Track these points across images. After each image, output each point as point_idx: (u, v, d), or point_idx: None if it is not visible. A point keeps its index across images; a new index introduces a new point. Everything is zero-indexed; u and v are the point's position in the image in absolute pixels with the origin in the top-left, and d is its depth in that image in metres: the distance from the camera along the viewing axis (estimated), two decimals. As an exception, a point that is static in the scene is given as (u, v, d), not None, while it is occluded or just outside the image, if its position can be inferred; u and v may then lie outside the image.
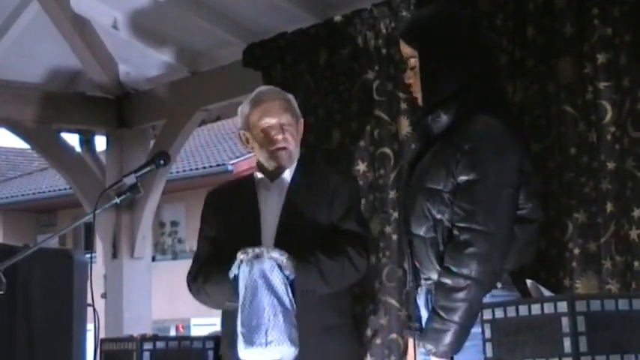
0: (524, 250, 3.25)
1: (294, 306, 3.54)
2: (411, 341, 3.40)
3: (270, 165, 3.88)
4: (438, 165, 3.22)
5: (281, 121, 3.86)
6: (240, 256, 3.58)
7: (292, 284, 3.59)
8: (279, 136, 3.84)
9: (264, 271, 3.53)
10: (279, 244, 3.71)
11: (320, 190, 3.84)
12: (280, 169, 3.88)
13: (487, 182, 3.13)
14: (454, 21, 3.37)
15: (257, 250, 3.57)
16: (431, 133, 3.33)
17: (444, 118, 3.26)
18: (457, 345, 3.09)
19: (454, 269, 3.09)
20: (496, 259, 3.09)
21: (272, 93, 4.00)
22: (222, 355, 3.94)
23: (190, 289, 3.91)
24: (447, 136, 3.24)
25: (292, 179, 3.88)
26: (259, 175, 3.92)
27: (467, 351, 3.11)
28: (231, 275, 3.61)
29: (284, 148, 3.85)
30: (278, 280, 3.55)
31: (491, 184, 3.13)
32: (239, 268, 3.58)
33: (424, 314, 3.28)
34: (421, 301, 3.31)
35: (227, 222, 3.89)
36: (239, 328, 3.53)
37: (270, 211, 3.84)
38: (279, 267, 3.56)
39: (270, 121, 3.86)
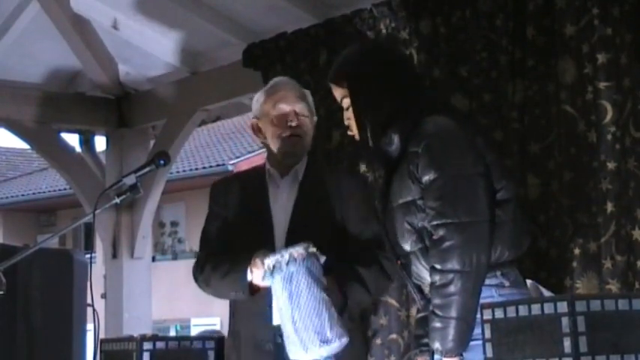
0: (513, 231, 3.24)
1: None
2: (423, 358, 3.39)
3: (280, 152, 3.80)
4: (403, 178, 3.26)
5: (295, 109, 3.80)
6: (280, 258, 3.52)
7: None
8: (293, 123, 3.78)
9: (309, 268, 3.50)
10: (291, 241, 3.65)
11: (332, 187, 3.78)
12: (291, 159, 3.81)
13: (445, 176, 3.16)
14: (375, 52, 3.50)
15: (300, 249, 3.52)
16: (391, 159, 3.36)
17: (395, 139, 3.30)
18: (462, 340, 3.09)
19: (438, 266, 3.11)
20: (475, 247, 3.10)
21: (288, 83, 3.95)
22: (228, 355, 3.87)
23: (196, 280, 3.84)
24: (404, 151, 3.29)
25: (304, 175, 3.81)
26: (270, 168, 3.85)
27: (475, 349, 3.11)
28: (267, 278, 3.55)
29: (297, 136, 3.78)
30: (320, 273, 3.52)
31: (449, 177, 3.16)
32: (278, 270, 3.52)
33: None
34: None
35: (236, 215, 3.81)
36: (292, 332, 3.48)
37: (281, 206, 3.77)
38: (318, 258, 3.54)
39: (284, 107, 3.80)
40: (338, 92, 3.47)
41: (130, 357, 4.30)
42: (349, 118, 3.43)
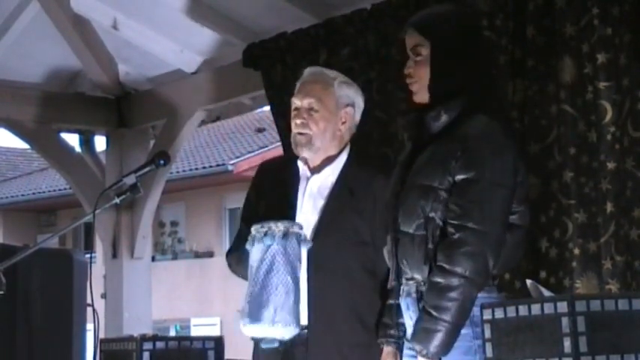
0: (510, 253, 3.23)
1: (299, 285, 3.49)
2: (389, 349, 3.37)
3: (294, 150, 3.72)
4: (436, 162, 3.20)
5: (303, 104, 3.70)
6: (260, 229, 3.48)
7: (308, 254, 3.52)
8: (298, 120, 3.68)
9: (286, 248, 3.45)
10: (315, 250, 3.57)
11: (363, 199, 3.64)
12: (301, 155, 3.71)
13: (484, 182, 3.12)
14: (467, 20, 3.40)
15: (280, 225, 3.46)
16: (427, 131, 3.30)
17: (444, 118, 3.24)
18: (447, 345, 3.06)
19: (447, 267, 3.07)
20: (489, 258, 3.08)
21: (310, 75, 3.81)
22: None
23: (229, 265, 3.82)
24: (446, 135, 3.23)
25: (338, 178, 3.69)
26: (299, 161, 3.74)
27: (453, 351, 3.09)
28: (248, 246, 3.51)
29: (300, 134, 3.68)
30: (296, 257, 3.47)
31: (488, 183, 3.13)
32: (257, 240, 3.48)
33: (407, 318, 3.25)
34: (403, 303, 3.27)
35: (265, 205, 3.72)
36: (245, 303, 3.44)
37: (307, 208, 3.67)
38: (299, 242, 3.49)
39: (296, 102, 3.72)
40: (414, 39, 3.34)
41: (130, 357, 4.31)
42: (411, 67, 3.33)
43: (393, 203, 3.30)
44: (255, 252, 3.50)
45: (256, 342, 3.61)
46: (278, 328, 3.43)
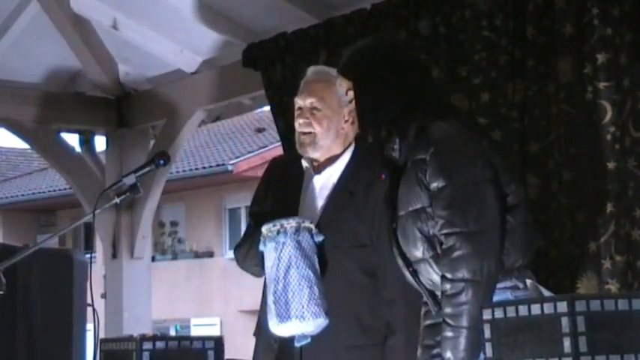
0: (523, 236, 3.23)
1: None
2: None
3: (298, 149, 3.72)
4: (412, 185, 3.23)
5: (306, 103, 3.68)
6: (272, 227, 3.50)
7: (320, 246, 3.55)
8: (301, 120, 3.67)
9: (300, 243, 3.48)
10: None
11: (362, 201, 3.62)
12: (315, 158, 3.69)
13: (454, 184, 3.14)
14: (388, 49, 3.42)
15: (292, 222, 3.49)
16: (395, 163, 3.32)
17: (398, 143, 3.27)
18: (474, 350, 3.08)
19: (449, 276, 3.10)
20: (486, 255, 3.09)
21: (313, 73, 3.79)
22: (257, 334, 3.78)
23: (237, 260, 3.83)
24: (410, 155, 3.25)
25: (340, 178, 3.68)
26: (304, 161, 3.73)
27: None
28: (261, 247, 3.53)
29: (304, 133, 3.66)
30: (312, 251, 3.50)
31: (460, 183, 3.14)
32: (270, 239, 3.50)
33: None
34: None
35: (270, 202, 3.73)
36: (271, 303, 3.47)
37: (308, 208, 3.67)
38: (311, 235, 3.51)
39: (298, 102, 3.71)
40: (344, 84, 3.41)
41: (129, 357, 4.30)
42: (352, 110, 3.40)
43: (395, 240, 3.31)
44: (269, 251, 3.52)
45: (287, 341, 3.58)
46: (309, 323, 3.45)
